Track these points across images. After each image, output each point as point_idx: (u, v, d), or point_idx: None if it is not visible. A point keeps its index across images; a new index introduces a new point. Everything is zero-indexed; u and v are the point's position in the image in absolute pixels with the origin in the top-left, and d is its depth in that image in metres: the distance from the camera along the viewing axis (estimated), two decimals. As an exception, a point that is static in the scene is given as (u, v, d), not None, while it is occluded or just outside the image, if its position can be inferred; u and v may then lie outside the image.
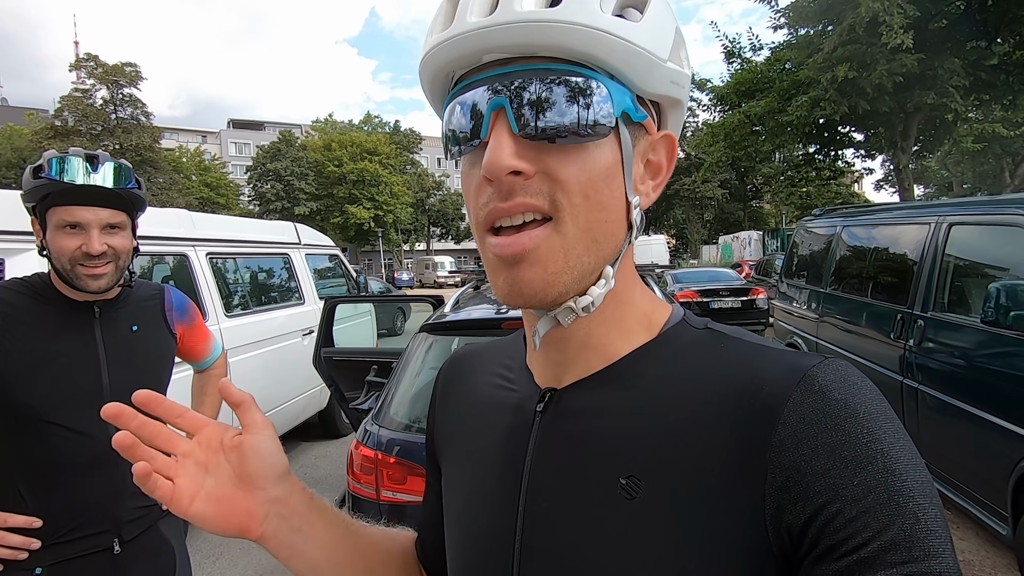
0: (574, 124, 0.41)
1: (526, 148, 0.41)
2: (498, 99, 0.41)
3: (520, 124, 0.41)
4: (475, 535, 0.52)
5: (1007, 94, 10.50)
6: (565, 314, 0.45)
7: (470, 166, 0.45)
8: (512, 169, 0.40)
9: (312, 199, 38.65)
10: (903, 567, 0.34)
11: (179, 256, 3.63)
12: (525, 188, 0.41)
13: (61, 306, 1.26)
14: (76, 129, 28.99)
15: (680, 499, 0.41)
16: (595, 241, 0.44)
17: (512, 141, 0.41)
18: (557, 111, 0.41)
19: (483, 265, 0.47)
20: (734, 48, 12.96)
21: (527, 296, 0.43)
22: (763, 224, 33.96)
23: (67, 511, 1.22)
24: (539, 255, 0.42)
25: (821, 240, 5.29)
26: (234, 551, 3.35)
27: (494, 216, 0.42)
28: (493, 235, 0.43)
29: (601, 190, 0.43)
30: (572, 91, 0.41)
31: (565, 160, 0.42)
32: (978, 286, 2.99)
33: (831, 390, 0.39)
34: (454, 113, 0.44)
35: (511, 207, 0.42)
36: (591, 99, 0.41)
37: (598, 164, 0.43)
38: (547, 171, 0.42)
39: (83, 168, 1.18)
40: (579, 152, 0.42)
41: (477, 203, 0.44)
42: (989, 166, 22.79)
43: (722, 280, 10.83)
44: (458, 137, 0.44)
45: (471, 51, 0.42)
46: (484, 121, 0.42)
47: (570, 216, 0.42)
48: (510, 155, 0.41)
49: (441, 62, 0.44)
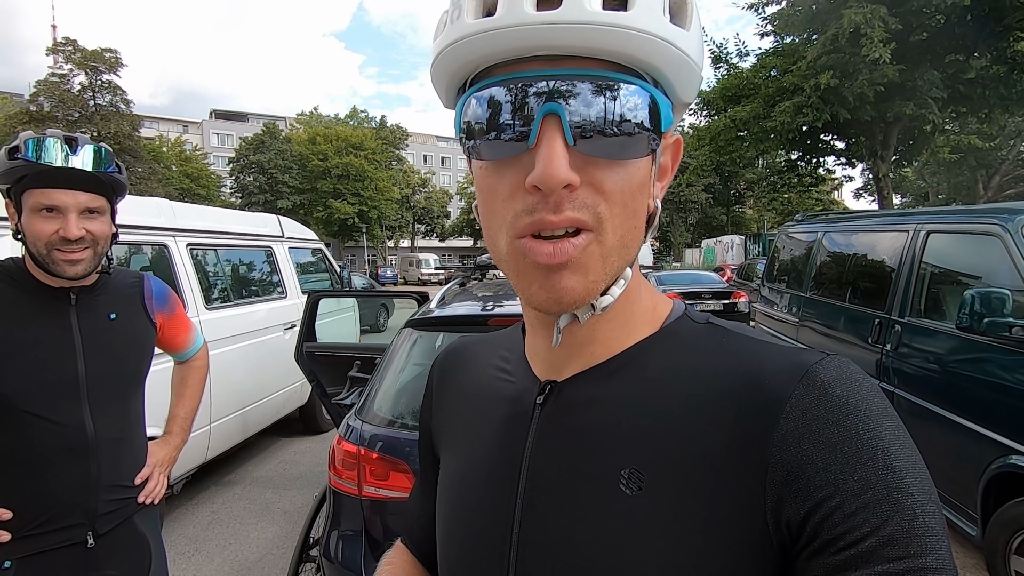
0: (627, 141, 0.40)
1: (577, 159, 0.39)
2: (552, 104, 0.38)
3: (575, 135, 0.39)
4: (471, 526, 0.52)
5: (983, 107, 10.78)
6: (585, 312, 0.45)
7: (500, 168, 0.42)
8: (567, 183, 0.39)
9: (295, 193, 38.16)
10: (899, 563, 0.34)
11: (158, 246, 3.55)
12: (572, 201, 0.40)
13: (36, 292, 1.22)
14: (52, 115, 28.19)
15: (681, 492, 0.41)
16: (627, 247, 0.43)
17: (567, 152, 0.39)
18: (611, 124, 0.39)
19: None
20: (721, 54, 13.11)
21: (566, 303, 0.42)
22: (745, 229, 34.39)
23: (39, 503, 1.19)
24: (581, 263, 0.41)
25: (802, 245, 5.37)
26: (209, 547, 3.29)
27: (541, 227, 0.40)
28: (532, 240, 0.41)
29: (637, 199, 0.43)
30: (630, 103, 0.39)
31: (611, 172, 0.41)
32: (954, 293, 3.06)
33: (833, 386, 0.40)
34: (487, 105, 0.41)
35: (561, 220, 0.40)
36: (645, 112, 0.40)
37: (638, 175, 0.42)
38: (593, 183, 0.40)
39: (62, 150, 1.14)
40: (623, 164, 0.41)
41: (511, 207, 0.41)
42: (964, 177, 23.36)
43: (705, 283, 10.96)
44: (492, 133, 0.41)
45: (523, 46, 0.39)
46: (534, 126, 0.39)
47: (611, 227, 0.41)
48: (566, 168, 0.38)
49: (481, 52, 0.41)
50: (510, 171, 0.41)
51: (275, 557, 3.16)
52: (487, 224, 0.45)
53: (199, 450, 3.60)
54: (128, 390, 1.34)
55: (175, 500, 3.78)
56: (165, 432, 1.54)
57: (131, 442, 1.34)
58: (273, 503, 3.85)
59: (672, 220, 36.81)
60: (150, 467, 1.39)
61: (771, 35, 12.33)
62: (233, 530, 3.49)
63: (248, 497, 3.96)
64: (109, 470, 1.27)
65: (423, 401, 0.67)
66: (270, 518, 3.64)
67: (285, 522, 3.57)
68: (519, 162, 0.40)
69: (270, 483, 4.21)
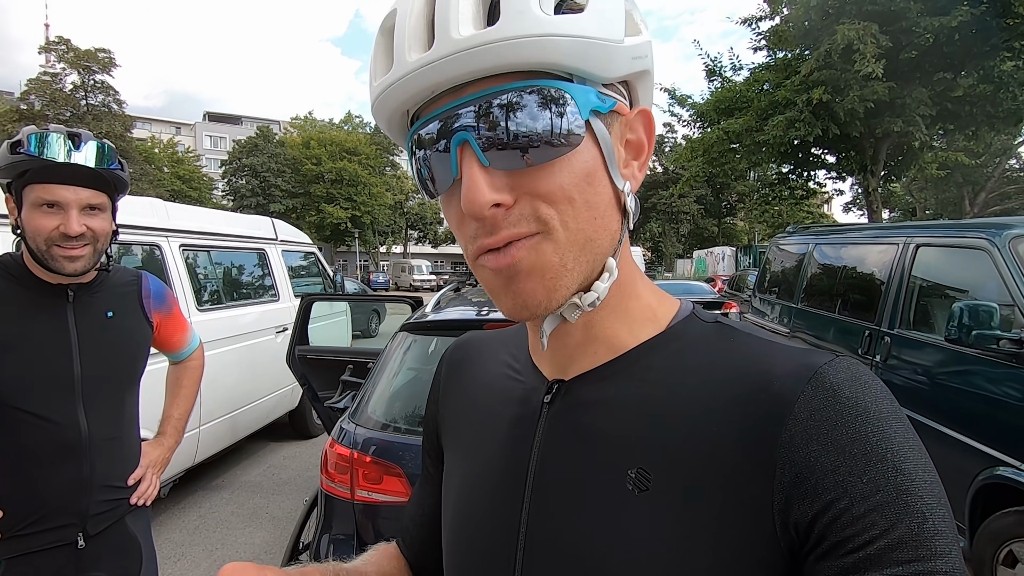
0: (545, 141, 0.39)
1: (501, 177, 0.40)
2: (461, 134, 0.39)
3: (489, 155, 0.39)
4: (478, 526, 0.52)
5: (970, 125, 10.97)
6: (570, 311, 0.45)
7: (448, 200, 0.44)
8: (492, 203, 0.39)
9: (288, 196, 38.00)
10: (908, 566, 0.34)
11: (151, 246, 3.53)
12: (508, 218, 0.40)
13: (33, 288, 1.21)
14: (43, 113, 27.96)
15: (689, 492, 0.41)
16: (589, 240, 0.42)
17: (485, 174, 0.39)
18: (523, 131, 0.39)
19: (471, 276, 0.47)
20: (715, 67, 13.26)
21: (532, 307, 0.42)
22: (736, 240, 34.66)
23: (30, 502, 1.17)
24: (533, 264, 0.41)
25: (793, 257, 5.42)
26: (196, 552, 3.25)
27: (485, 249, 0.42)
28: (485, 255, 0.42)
29: (585, 191, 0.42)
30: (534, 106, 0.39)
31: (542, 176, 0.40)
32: (942, 306, 3.10)
33: (842, 388, 0.39)
34: (417, 154, 0.44)
35: (498, 240, 0.41)
36: (555, 109, 0.39)
37: (576, 170, 0.41)
38: (527, 191, 0.40)
39: (65, 146, 1.14)
40: (555, 165, 0.40)
41: (464, 235, 0.43)
42: (951, 193, 23.72)
43: (696, 293, 11.03)
44: (428, 178, 0.43)
45: (420, 89, 0.41)
46: (451, 158, 0.40)
47: (559, 223, 0.41)
48: (487, 191, 0.39)
49: (393, 105, 0.43)
50: (453, 202, 0.43)
51: (263, 563, 3.11)
52: (463, 251, 0.47)
53: (187, 453, 3.56)
54: (123, 389, 1.32)
55: (162, 504, 3.73)
56: (159, 433, 1.52)
57: (124, 442, 1.33)
58: (261, 508, 3.81)
59: (664, 231, 37.04)
60: (143, 468, 1.38)
61: (765, 50, 12.50)
62: (220, 535, 3.45)
63: (236, 502, 3.92)
64: (102, 470, 1.25)
65: (430, 394, 0.66)
66: (258, 523, 3.60)
67: (273, 527, 3.53)
68: (454, 193, 0.42)
69: (259, 488, 4.16)
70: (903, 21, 9.22)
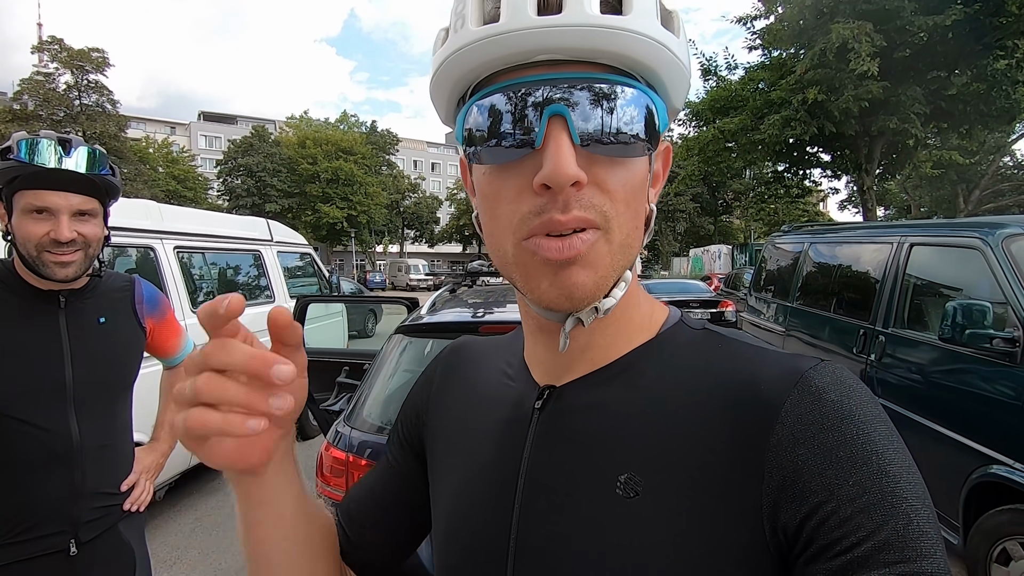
0: (629, 139, 0.41)
1: (580, 158, 0.40)
2: (557, 106, 0.40)
3: (581, 134, 0.40)
4: (470, 529, 0.52)
5: (964, 123, 11.03)
6: (589, 315, 0.46)
7: (504, 171, 0.43)
8: (576, 180, 0.39)
9: (284, 196, 37.88)
10: (895, 567, 0.34)
11: (145, 248, 3.51)
12: (579, 200, 0.41)
13: (24, 294, 1.20)
14: (36, 114, 27.78)
15: (678, 498, 0.41)
16: (630, 246, 0.44)
17: (574, 150, 0.40)
18: (613, 124, 0.41)
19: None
20: (710, 66, 13.28)
21: (577, 299, 0.42)
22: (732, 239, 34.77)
23: (21, 510, 1.17)
24: (591, 259, 0.42)
25: (789, 256, 5.44)
26: (192, 555, 3.24)
27: (550, 227, 0.41)
28: (541, 238, 0.41)
29: (639, 199, 0.44)
30: (627, 104, 0.41)
31: (614, 171, 0.42)
32: (936, 305, 3.12)
33: (827, 392, 0.40)
34: (491, 111, 0.42)
35: (569, 220, 0.40)
36: (644, 113, 0.42)
37: (638, 175, 0.44)
38: (599, 182, 0.41)
39: (55, 151, 1.13)
40: (625, 163, 0.43)
41: (517, 209, 0.42)
42: (945, 191, 23.84)
43: (692, 292, 11.04)
44: (498, 137, 0.42)
45: (526, 50, 0.40)
46: (540, 127, 0.40)
47: (616, 225, 0.42)
48: (575, 165, 0.39)
49: (485, 58, 0.42)
50: (514, 174, 0.42)
51: (259, 565, 3.11)
52: (491, 229, 0.46)
53: (183, 456, 3.55)
54: (115, 396, 1.32)
55: (158, 507, 3.72)
56: (152, 438, 1.52)
57: (117, 449, 1.32)
58: (258, 510, 3.80)
59: (660, 229, 37.09)
60: (136, 474, 1.37)
61: (759, 49, 12.52)
62: (216, 537, 3.44)
63: (231, 504, 3.88)
64: (94, 477, 1.25)
65: (419, 387, 0.65)
66: (255, 525, 3.59)
67: (270, 529, 3.52)
68: (524, 165, 0.41)
69: (255, 490, 4.15)
70: (897, 20, 9.26)
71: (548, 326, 0.49)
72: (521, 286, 0.45)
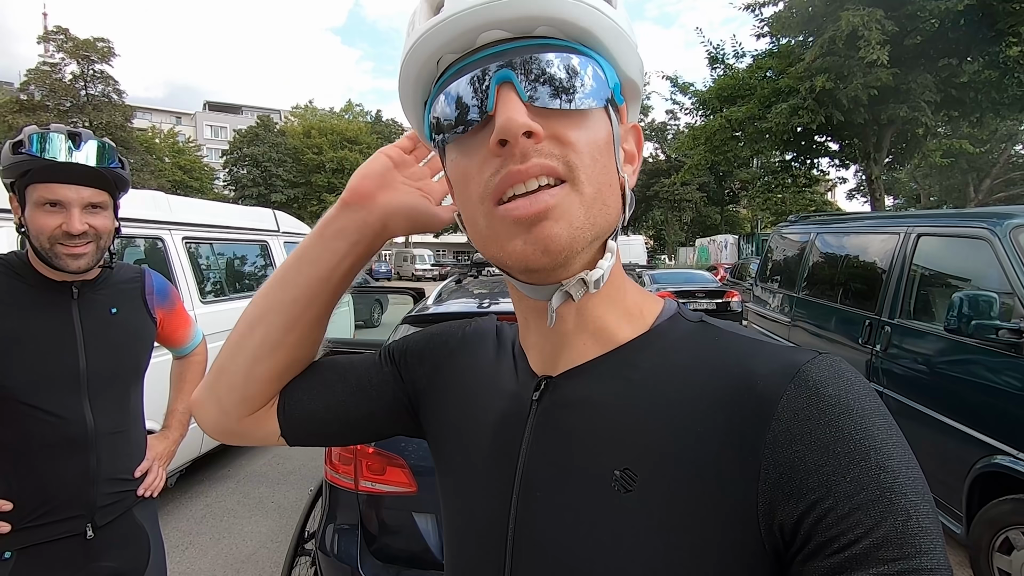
0: (578, 94, 0.43)
1: (534, 114, 0.42)
2: (503, 72, 0.42)
3: (528, 92, 0.42)
4: (470, 524, 0.53)
5: (975, 111, 10.88)
6: (577, 287, 0.46)
7: (468, 143, 0.45)
8: (527, 129, 0.40)
9: (290, 186, 37.91)
10: (894, 564, 0.34)
11: (154, 239, 3.54)
12: (538, 150, 0.41)
13: (38, 286, 1.23)
14: (43, 104, 27.87)
15: (673, 493, 0.41)
16: (605, 204, 0.44)
17: (523, 105, 0.41)
18: (561, 82, 0.42)
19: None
20: (717, 54, 13.16)
21: (554, 252, 0.42)
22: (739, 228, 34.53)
23: (39, 495, 1.20)
24: (562, 211, 0.42)
25: (795, 246, 5.41)
26: (203, 540, 3.30)
27: (511, 180, 0.42)
28: (508, 202, 0.42)
29: (605, 155, 0.45)
30: (572, 65, 0.43)
31: (570, 125, 0.43)
32: (942, 295, 3.11)
33: (825, 386, 0.40)
34: (449, 96, 0.44)
35: (529, 168, 0.41)
36: (589, 73, 0.44)
37: (599, 132, 0.45)
38: (556, 135, 0.42)
39: (65, 145, 1.15)
40: (581, 119, 0.44)
41: (482, 177, 0.43)
42: (955, 180, 23.58)
43: (698, 282, 11.02)
44: (457, 117, 0.44)
45: (470, 28, 0.43)
46: (490, 94, 0.42)
47: (584, 176, 0.43)
48: (524, 115, 0.41)
49: (435, 45, 0.44)
50: (476, 146, 0.44)
51: (269, 551, 3.17)
52: (465, 211, 0.47)
53: (193, 444, 3.60)
54: (128, 384, 1.34)
55: (169, 494, 3.78)
56: (164, 426, 1.55)
57: (130, 436, 1.35)
58: (267, 497, 3.86)
59: (667, 218, 36.89)
60: (149, 460, 1.40)
61: (767, 36, 12.38)
62: (227, 524, 3.50)
63: (242, 491, 3.97)
64: (108, 463, 1.28)
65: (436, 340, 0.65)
66: (264, 512, 3.65)
67: (279, 516, 3.58)
68: (483, 134, 0.43)
69: (264, 478, 4.21)
70: (908, 6, 9.12)
71: (538, 307, 0.49)
72: (499, 255, 0.44)
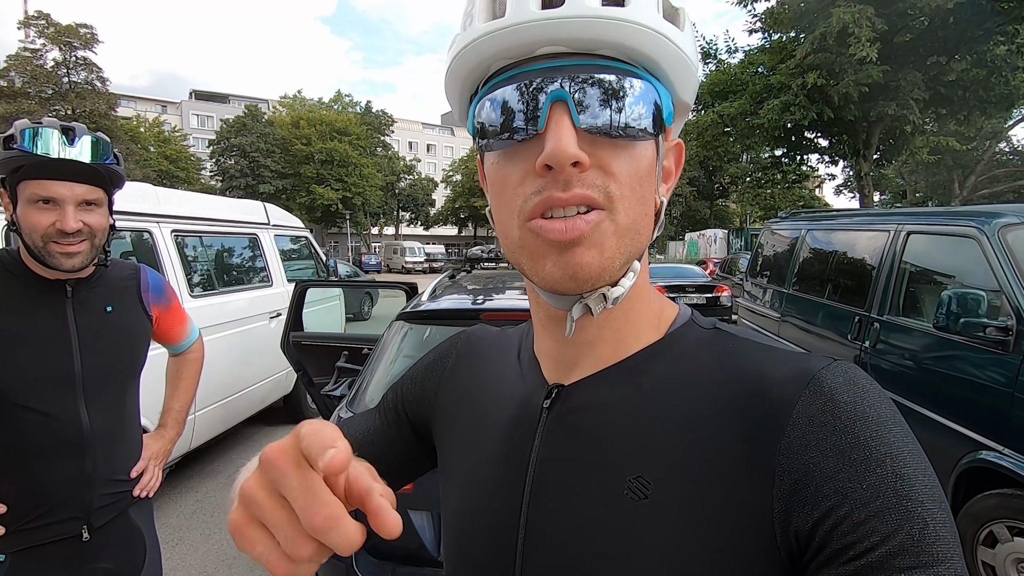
0: (631, 123, 0.42)
1: (583, 141, 0.41)
2: (559, 91, 0.41)
3: (582, 118, 0.41)
4: (477, 529, 0.52)
5: (962, 109, 11.03)
6: (597, 302, 0.45)
7: (510, 157, 0.44)
8: (576, 159, 0.40)
9: (278, 177, 37.50)
10: (910, 572, 0.34)
11: (142, 232, 3.49)
12: (582, 180, 0.41)
13: (31, 284, 1.20)
14: (24, 91, 27.30)
15: (687, 500, 0.41)
16: (638, 232, 0.45)
17: (575, 132, 0.41)
18: (615, 108, 0.41)
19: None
20: (710, 49, 13.17)
21: (582, 280, 0.42)
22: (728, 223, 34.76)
23: (34, 496, 1.18)
24: (596, 239, 0.42)
25: (786, 242, 5.45)
26: (194, 536, 3.28)
27: (550, 204, 0.42)
28: (544, 220, 0.42)
29: (645, 186, 0.44)
30: (630, 91, 0.42)
31: (617, 155, 0.42)
32: (931, 293, 3.15)
33: (840, 393, 0.40)
34: (497, 102, 0.43)
35: (570, 197, 0.41)
36: (646, 100, 0.43)
37: (643, 161, 0.44)
38: (601, 165, 0.42)
39: (59, 140, 1.12)
40: (629, 148, 0.43)
41: (521, 192, 0.43)
42: (941, 177, 23.87)
43: (688, 276, 11.07)
44: (503, 124, 0.43)
45: (530, 41, 0.42)
46: (542, 111, 0.41)
47: (622, 207, 0.43)
48: (574, 144, 0.40)
49: (491, 51, 0.43)
50: (520, 158, 0.43)
51: (261, 546, 3.15)
52: (499, 216, 0.46)
53: (184, 439, 3.57)
54: (123, 383, 1.32)
55: (159, 489, 3.74)
56: (159, 425, 1.53)
57: (126, 435, 1.34)
58: (258, 492, 3.84)
59: (657, 213, 36.97)
60: (145, 460, 1.39)
61: (760, 32, 12.41)
62: (218, 519, 3.48)
63: (232, 486, 3.94)
64: (104, 464, 1.26)
65: (431, 366, 0.67)
66: (255, 507, 3.63)
67: (271, 511, 3.56)
68: (529, 148, 0.42)
69: (255, 472, 4.19)
70: (899, 3, 9.18)
71: (557, 315, 0.49)
72: (527, 269, 0.45)
